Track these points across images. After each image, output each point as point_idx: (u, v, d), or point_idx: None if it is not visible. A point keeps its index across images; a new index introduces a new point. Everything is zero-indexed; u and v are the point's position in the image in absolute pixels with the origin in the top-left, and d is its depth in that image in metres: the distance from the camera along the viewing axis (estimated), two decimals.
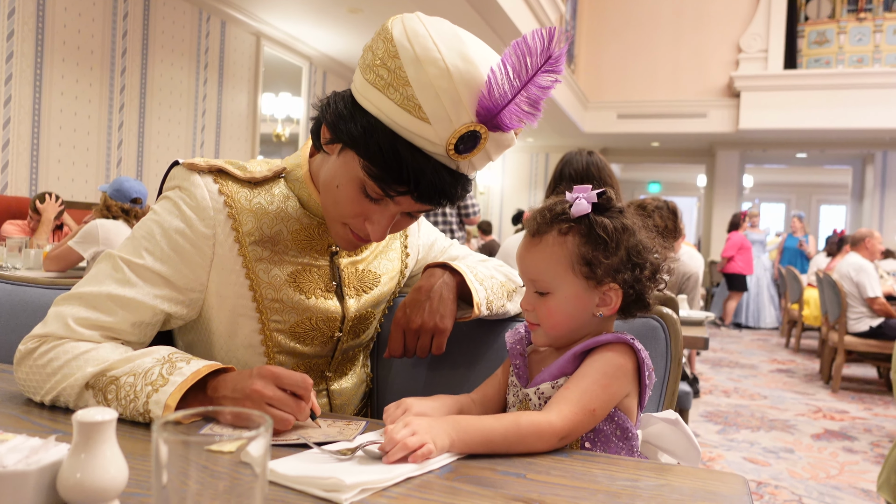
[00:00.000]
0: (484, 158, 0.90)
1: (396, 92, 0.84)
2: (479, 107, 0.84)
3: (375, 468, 0.71)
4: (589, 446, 0.87)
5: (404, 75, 0.83)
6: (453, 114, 0.83)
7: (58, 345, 0.90)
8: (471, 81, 0.83)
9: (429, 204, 0.91)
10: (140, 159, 5.32)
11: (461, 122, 0.84)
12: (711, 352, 6.81)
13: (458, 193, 0.91)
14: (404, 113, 0.84)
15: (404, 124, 0.85)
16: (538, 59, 0.83)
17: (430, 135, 0.84)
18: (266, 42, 6.46)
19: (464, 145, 0.86)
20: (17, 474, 0.57)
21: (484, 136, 0.86)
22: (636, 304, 0.92)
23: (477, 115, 0.84)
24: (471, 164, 0.90)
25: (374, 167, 0.87)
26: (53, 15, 4.54)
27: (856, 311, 5.01)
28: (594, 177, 2.34)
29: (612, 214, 0.90)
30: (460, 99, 0.83)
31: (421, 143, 0.86)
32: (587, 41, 10.22)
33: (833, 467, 3.37)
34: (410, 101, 0.83)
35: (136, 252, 0.95)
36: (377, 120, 0.86)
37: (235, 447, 0.48)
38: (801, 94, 9.00)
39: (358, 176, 0.90)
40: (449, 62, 0.83)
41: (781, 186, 17.07)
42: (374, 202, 0.92)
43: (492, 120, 0.85)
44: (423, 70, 0.83)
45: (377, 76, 0.85)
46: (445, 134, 0.84)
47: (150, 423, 0.85)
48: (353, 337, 1.13)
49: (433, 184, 0.87)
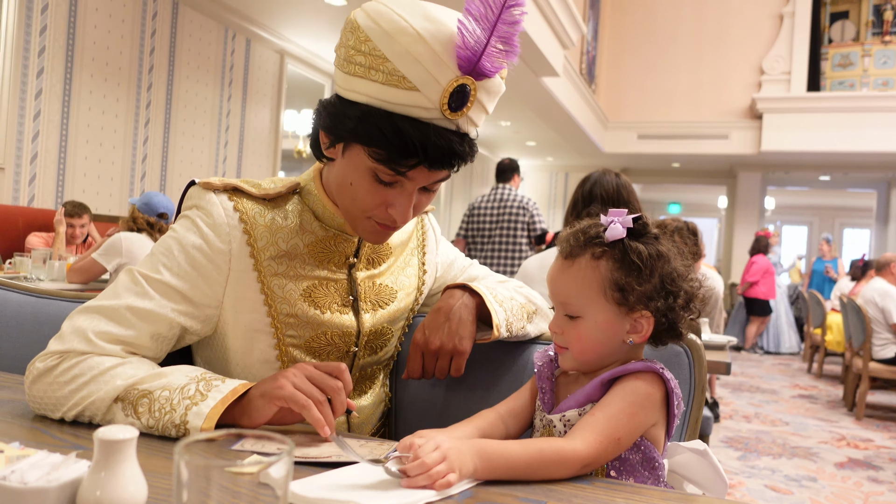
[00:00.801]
0: (480, 111, 0.92)
1: (378, 72, 0.86)
2: (459, 59, 0.86)
3: (394, 491, 0.70)
4: (614, 475, 0.86)
5: (381, 53, 0.86)
6: (437, 73, 0.85)
7: (82, 360, 0.90)
8: (443, 38, 0.85)
9: (442, 168, 0.92)
10: (164, 174, 5.39)
11: (447, 79, 0.86)
12: (732, 376, 6.71)
13: (468, 151, 0.93)
14: (392, 89, 0.86)
15: (395, 99, 0.87)
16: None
17: (421, 101, 0.86)
18: (289, 59, 6.54)
19: (456, 102, 0.87)
20: (38, 491, 0.57)
21: (472, 87, 0.88)
22: (668, 332, 0.90)
23: (459, 67, 0.86)
24: (469, 120, 0.91)
25: (380, 150, 0.89)
26: (84, 32, 4.64)
27: (881, 337, 4.92)
28: (623, 199, 2.31)
29: (647, 240, 0.88)
30: (439, 57, 0.85)
31: (417, 113, 0.87)
32: (608, 61, 10.23)
33: (857, 497, 3.29)
34: (394, 76, 0.86)
35: (153, 268, 0.96)
36: (369, 105, 0.88)
37: (256, 469, 0.48)
38: (824, 116, 8.92)
39: (368, 166, 0.92)
40: (417, 26, 0.85)
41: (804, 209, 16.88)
42: (390, 187, 0.93)
43: (474, 68, 0.87)
44: (396, 41, 0.85)
45: (356, 65, 0.88)
46: (436, 96, 0.86)
47: (173, 439, 0.85)
48: (370, 353, 1.12)
49: (440, 147, 0.88)
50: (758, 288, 8.20)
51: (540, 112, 7.89)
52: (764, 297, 8.22)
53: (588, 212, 2.26)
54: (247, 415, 0.87)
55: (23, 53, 4.28)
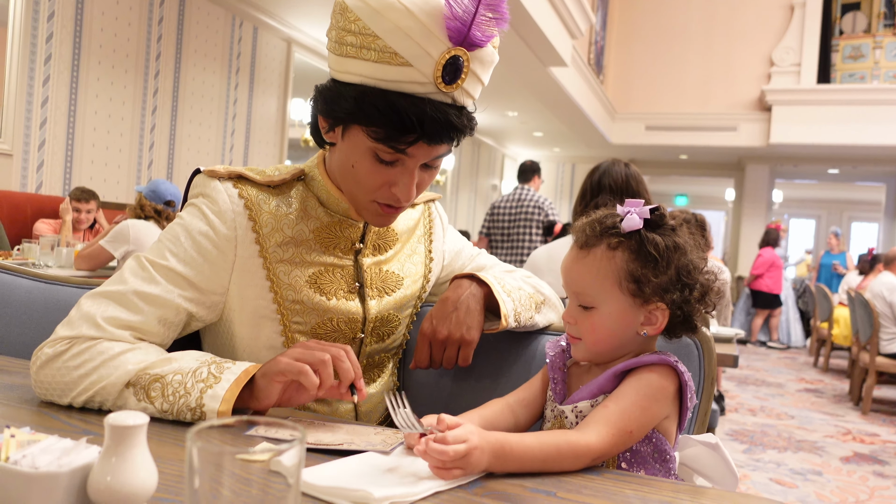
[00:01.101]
0: (475, 83, 0.91)
1: (370, 50, 0.87)
2: (449, 31, 0.86)
3: (406, 480, 0.70)
4: (626, 466, 0.85)
5: (370, 31, 0.86)
6: (429, 47, 0.85)
7: (92, 345, 0.90)
8: (431, 10, 0.85)
9: (441, 142, 0.92)
10: (171, 161, 5.39)
11: (439, 52, 0.86)
12: (738, 369, 6.70)
13: (466, 124, 0.92)
14: (385, 66, 0.87)
15: (389, 77, 0.87)
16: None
17: (415, 76, 0.86)
18: (297, 48, 6.52)
19: (449, 75, 0.87)
20: (48, 476, 0.57)
21: (465, 58, 0.88)
22: (683, 325, 0.89)
23: (450, 38, 0.86)
24: (465, 92, 0.91)
25: (378, 129, 0.89)
26: (91, 18, 4.63)
27: (888, 332, 4.90)
28: (633, 189, 2.30)
29: (664, 232, 0.87)
30: (429, 30, 0.85)
31: (411, 89, 0.87)
32: (616, 51, 10.17)
33: (863, 492, 3.28)
34: (386, 53, 0.86)
35: (160, 254, 0.97)
36: (364, 85, 0.89)
37: (268, 456, 0.48)
38: (834, 109, 8.85)
39: (368, 146, 0.92)
40: (405, 0, 0.85)
41: (812, 202, 16.80)
42: (392, 165, 0.94)
43: (465, 39, 0.86)
44: (385, 18, 0.85)
45: (347, 45, 0.88)
46: (429, 70, 0.86)
47: (184, 425, 0.85)
48: (377, 340, 1.12)
49: (438, 120, 0.88)
50: (762, 281, 8.17)
51: (547, 102, 7.86)
52: (768, 289, 8.18)
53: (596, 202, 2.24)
54: (255, 398, 0.87)
55: (30, 40, 4.28)
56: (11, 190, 4.30)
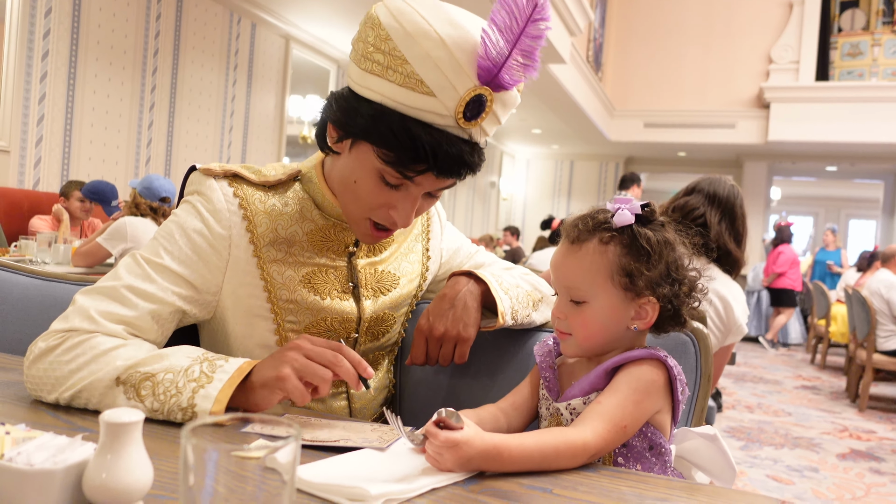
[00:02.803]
0: (493, 122, 0.90)
1: (396, 73, 0.85)
2: (479, 69, 0.84)
3: (402, 477, 0.70)
4: (622, 462, 0.86)
5: (400, 54, 0.84)
6: (456, 81, 0.84)
7: (85, 339, 0.89)
8: (465, 45, 0.84)
9: (450, 177, 0.91)
10: (168, 158, 5.39)
11: (465, 88, 0.85)
12: (735, 366, 6.71)
13: (477, 161, 0.91)
14: (408, 91, 0.85)
15: (410, 103, 0.85)
16: (526, 10, 0.83)
17: (437, 108, 0.85)
18: (295, 45, 6.51)
19: (471, 112, 0.86)
20: (43, 473, 0.57)
21: (489, 98, 0.87)
22: (672, 319, 0.90)
23: (478, 77, 0.85)
24: (481, 130, 0.90)
25: (390, 152, 0.88)
26: (89, 14, 4.62)
27: (885, 329, 4.91)
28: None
29: (654, 227, 0.88)
30: (459, 65, 0.84)
31: (430, 118, 0.86)
32: (615, 49, 10.16)
33: (859, 489, 3.29)
34: (412, 78, 0.84)
35: (155, 252, 0.97)
36: (383, 105, 0.87)
37: (263, 453, 0.48)
38: (832, 106, 8.85)
39: (375, 166, 0.90)
40: (441, 31, 0.83)
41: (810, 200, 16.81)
42: (395, 189, 0.92)
43: (493, 80, 0.85)
44: (417, 44, 0.83)
45: (374, 62, 0.86)
46: (452, 103, 0.85)
47: (180, 423, 0.84)
48: (371, 339, 1.12)
49: (451, 155, 0.87)
50: (785, 278, 8.02)
51: (546, 99, 7.85)
52: (791, 286, 8.04)
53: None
54: (251, 402, 0.87)
55: (28, 36, 4.27)
56: (9, 186, 4.29)
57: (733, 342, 2.14)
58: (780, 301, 8.20)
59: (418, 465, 0.74)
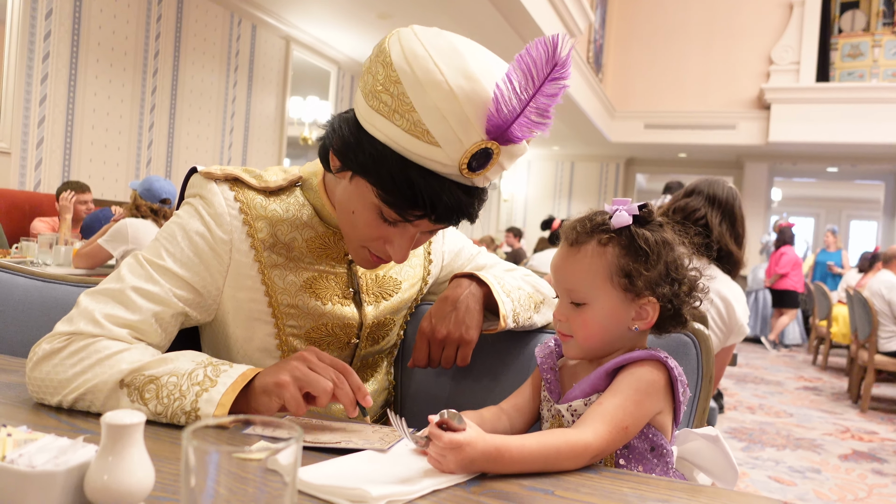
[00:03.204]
0: (497, 170, 0.89)
1: (402, 118, 0.82)
2: (488, 124, 0.82)
3: (403, 478, 0.70)
4: (623, 463, 0.86)
5: (409, 101, 0.82)
6: (463, 135, 0.82)
7: (91, 343, 0.89)
8: (477, 100, 0.81)
9: (447, 224, 0.90)
10: (169, 159, 5.39)
11: (472, 142, 0.82)
12: (736, 367, 6.71)
13: (476, 209, 0.90)
14: (413, 139, 0.83)
15: (414, 150, 0.83)
16: (544, 69, 0.80)
17: (441, 157, 0.83)
18: (295, 46, 6.52)
19: (476, 162, 0.84)
20: (45, 474, 0.57)
21: (496, 151, 0.84)
22: (673, 319, 0.90)
23: (487, 132, 0.82)
24: (485, 178, 0.89)
25: (387, 195, 0.86)
26: (89, 16, 4.63)
27: (887, 330, 4.90)
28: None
29: (652, 228, 0.88)
30: (468, 119, 0.81)
31: (433, 167, 0.84)
32: (615, 50, 10.17)
33: (861, 490, 3.29)
34: (418, 127, 0.82)
35: (157, 253, 0.96)
36: (386, 147, 0.85)
37: (265, 455, 0.48)
38: (833, 107, 8.85)
39: (373, 202, 0.89)
40: (453, 83, 0.81)
41: (811, 201, 16.80)
42: (392, 225, 0.91)
43: (502, 135, 0.83)
44: (427, 94, 0.81)
45: (381, 102, 0.84)
46: (457, 155, 0.83)
47: (181, 426, 0.84)
48: (371, 343, 1.12)
49: (449, 205, 0.86)
50: (788, 279, 8.02)
51: None
52: (794, 287, 8.03)
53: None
54: (252, 408, 0.86)
55: (28, 38, 4.28)
56: (10, 188, 4.29)
57: (735, 343, 2.14)
58: (782, 302, 8.20)
59: (420, 467, 0.74)
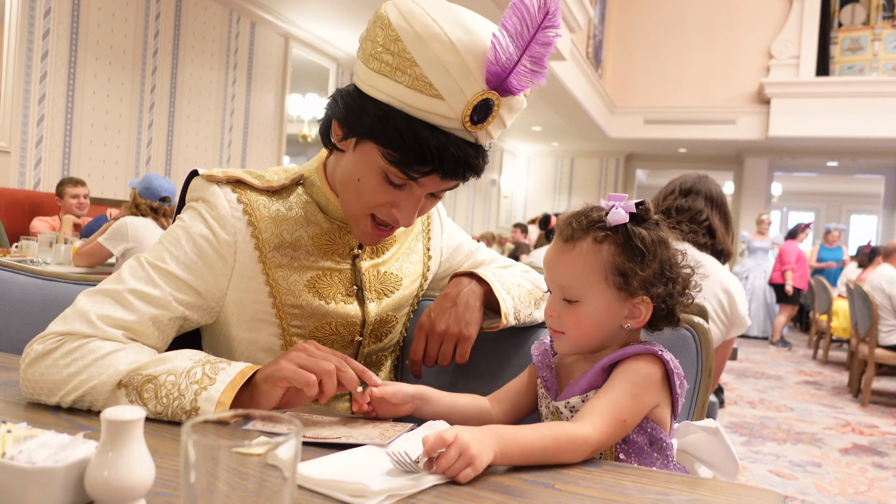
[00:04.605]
0: (499, 125, 0.91)
1: (405, 74, 0.85)
2: (488, 74, 0.85)
3: (404, 474, 0.70)
4: (623, 457, 0.86)
5: (410, 56, 0.84)
6: (465, 85, 0.84)
7: (83, 343, 0.88)
8: (476, 50, 0.84)
9: (454, 179, 0.92)
10: (169, 158, 5.39)
11: (473, 92, 0.85)
12: (737, 362, 6.71)
13: (481, 164, 0.92)
14: (416, 93, 0.85)
15: (418, 105, 0.85)
16: (537, 17, 0.83)
17: (444, 110, 0.85)
18: (294, 43, 6.51)
19: (478, 115, 0.87)
20: (45, 471, 0.57)
21: (497, 102, 0.87)
22: (666, 318, 0.90)
23: (487, 82, 0.85)
24: (487, 133, 0.90)
25: (395, 153, 0.88)
26: (88, 14, 4.62)
27: (887, 324, 4.90)
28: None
29: (648, 226, 0.87)
30: (469, 69, 0.84)
31: (437, 121, 0.86)
32: (615, 45, 10.15)
33: (862, 483, 3.29)
34: (420, 81, 0.84)
35: (159, 257, 0.96)
36: (389, 106, 0.87)
37: (264, 450, 0.48)
38: (833, 101, 8.84)
39: (379, 165, 0.90)
40: (452, 35, 0.84)
41: (811, 195, 16.79)
42: (399, 188, 0.92)
43: (502, 85, 0.86)
44: (427, 47, 0.83)
45: (382, 63, 0.86)
46: (460, 107, 0.85)
47: (180, 423, 0.84)
48: (374, 341, 1.12)
49: (457, 158, 0.88)
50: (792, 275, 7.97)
51: (546, 96, 7.84)
52: (796, 285, 7.99)
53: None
54: (254, 400, 0.86)
55: (27, 36, 4.27)
56: (9, 187, 4.29)
57: (736, 336, 2.15)
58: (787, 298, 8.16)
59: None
